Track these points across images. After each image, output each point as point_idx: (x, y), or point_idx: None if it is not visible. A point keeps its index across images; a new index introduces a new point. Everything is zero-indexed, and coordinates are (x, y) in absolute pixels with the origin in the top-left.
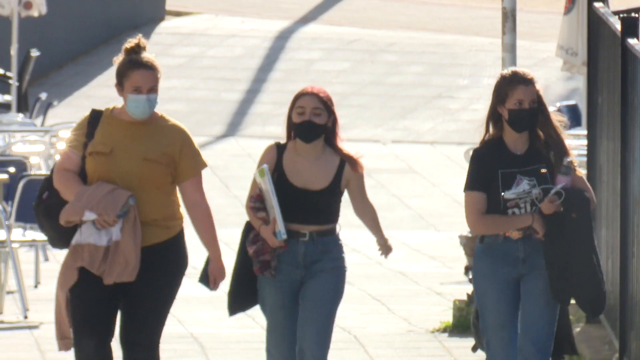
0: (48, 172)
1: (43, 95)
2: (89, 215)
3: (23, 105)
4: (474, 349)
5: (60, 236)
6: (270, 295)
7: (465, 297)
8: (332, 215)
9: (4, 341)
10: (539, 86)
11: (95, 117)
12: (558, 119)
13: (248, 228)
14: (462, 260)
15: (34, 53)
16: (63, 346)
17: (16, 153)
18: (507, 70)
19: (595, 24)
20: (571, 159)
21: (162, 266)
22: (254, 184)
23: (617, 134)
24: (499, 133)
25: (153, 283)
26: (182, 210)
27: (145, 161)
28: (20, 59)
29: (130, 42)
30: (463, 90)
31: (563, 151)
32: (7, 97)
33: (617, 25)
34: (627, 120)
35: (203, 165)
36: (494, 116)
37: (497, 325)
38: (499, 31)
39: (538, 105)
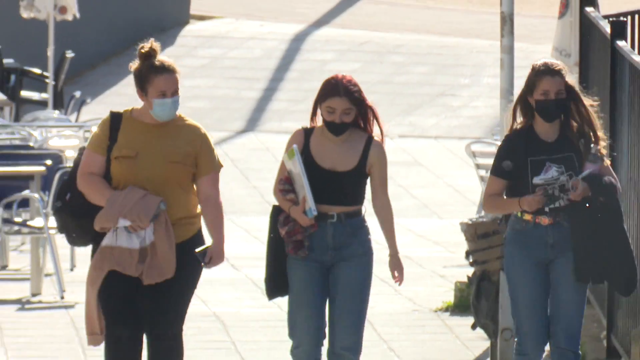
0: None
1: (77, 93)
2: (123, 222)
3: (59, 102)
4: (473, 327)
5: (83, 235)
6: (300, 274)
7: (465, 279)
8: (358, 196)
9: (42, 319)
10: (569, 78)
11: (116, 119)
12: (590, 104)
13: (275, 213)
14: (463, 246)
15: (69, 54)
16: (92, 341)
17: (52, 147)
18: (538, 62)
19: (587, 27)
20: (599, 147)
21: (188, 263)
22: (282, 168)
23: (607, 128)
24: (530, 121)
25: (180, 279)
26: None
27: (169, 163)
28: (56, 60)
29: (144, 47)
30: (464, 89)
31: (592, 140)
32: (44, 95)
33: (607, 29)
34: (616, 116)
35: (219, 165)
36: (525, 106)
37: (528, 305)
38: (497, 34)
39: (568, 95)
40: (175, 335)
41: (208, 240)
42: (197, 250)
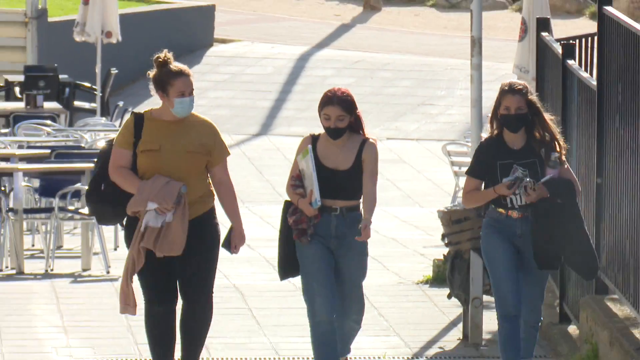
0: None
1: (120, 103)
2: (151, 205)
3: (105, 110)
4: (449, 296)
5: (114, 220)
6: (310, 248)
7: (442, 257)
8: (357, 191)
9: (92, 290)
10: (532, 96)
11: (138, 120)
12: (551, 118)
13: (287, 207)
14: (440, 230)
15: (113, 71)
16: (125, 310)
17: (99, 147)
18: (505, 81)
19: (542, 48)
20: (559, 154)
21: (205, 235)
22: (294, 167)
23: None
24: (500, 132)
25: (202, 250)
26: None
27: (188, 153)
28: (103, 76)
29: (160, 57)
30: (441, 99)
31: (552, 148)
32: (93, 105)
33: (559, 50)
34: (566, 123)
35: (228, 153)
36: (496, 119)
37: (505, 268)
38: (468, 54)
39: (530, 110)
40: (205, 300)
41: (221, 219)
42: (222, 244)
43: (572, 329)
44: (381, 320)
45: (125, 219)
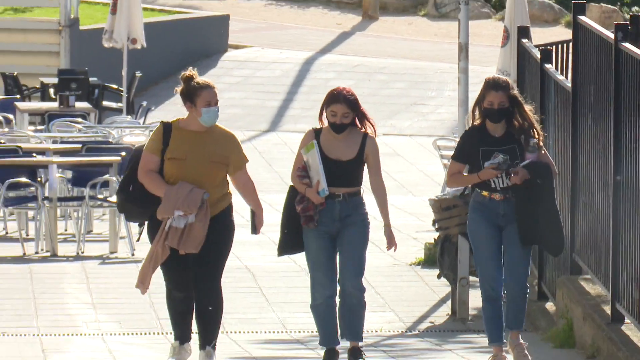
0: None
1: (144, 103)
2: (178, 212)
3: (130, 110)
4: (439, 276)
5: (140, 218)
6: (315, 241)
7: (432, 241)
8: (358, 179)
9: (118, 271)
10: (513, 90)
11: (167, 128)
12: (530, 109)
13: (291, 193)
14: (431, 216)
15: (138, 74)
16: (138, 286)
17: (126, 142)
18: (490, 76)
19: (523, 54)
20: (537, 140)
21: (222, 230)
22: (298, 159)
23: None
24: (483, 121)
25: (217, 243)
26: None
27: (211, 163)
28: (129, 78)
29: (185, 74)
30: (431, 100)
31: (531, 135)
32: (119, 104)
33: (538, 55)
34: (545, 120)
35: (246, 160)
36: (479, 109)
37: (488, 256)
38: (456, 59)
39: (512, 103)
40: (215, 287)
41: (240, 208)
42: (251, 232)
43: (550, 306)
44: (378, 298)
45: (148, 219)
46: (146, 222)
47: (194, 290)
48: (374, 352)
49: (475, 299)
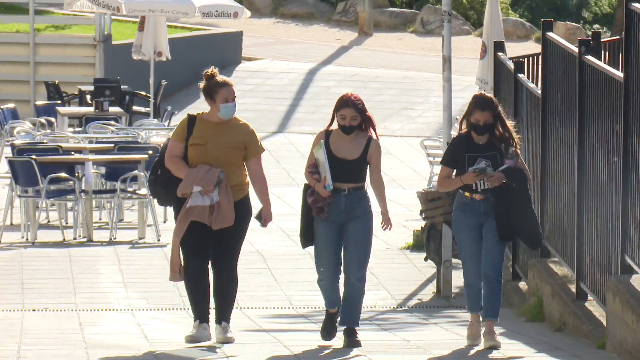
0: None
1: (168, 107)
2: (196, 188)
3: (157, 113)
4: (425, 259)
5: (167, 199)
6: (323, 229)
7: (420, 229)
8: (362, 176)
9: (146, 254)
10: (498, 108)
11: (191, 120)
12: (511, 124)
13: (306, 188)
14: (418, 207)
15: (163, 82)
16: (173, 277)
17: (152, 142)
18: (478, 92)
19: (499, 65)
20: (514, 149)
21: (240, 216)
22: (311, 157)
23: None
24: (469, 131)
25: (235, 229)
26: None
27: (228, 148)
28: (155, 86)
29: (208, 71)
30: (419, 105)
31: (510, 144)
32: (147, 109)
33: (512, 66)
34: (518, 123)
35: (262, 150)
36: (467, 122)
37: (470, 254)
38: (440, 69)
39: (495, 118)
40: (232, 267)
41: (256, 203)
42: (255, 216)
43: (522, 285)
44: (372, 277)
45: (177, 202)
46: (174, 208)
47: (214, 269)
48: (369, 325)
49: (457, 278)
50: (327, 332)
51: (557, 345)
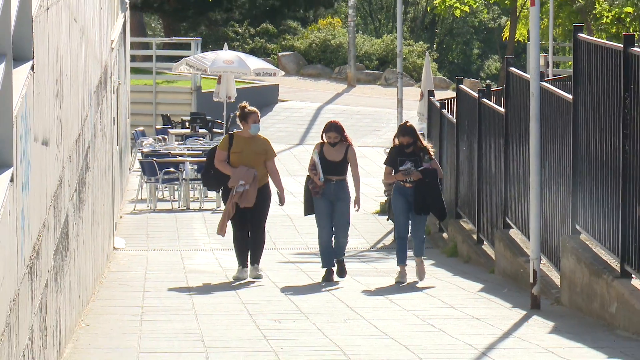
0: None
1: (234, 130)
2: (241, 182)
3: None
4: (388, 219)
5: (217, 187)
6: (320, 204)
7: (383, 201)
8: (344, 172)
9: (219, 216)
10: (417, 133)
11: (231, 136)
12: (427, 142)
13: (308, 179)
14: (382, 188)
15: (232, 114)
16: (219, 232)
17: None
18: (403, 122)
19: (430, 104)
20: (429, 156)
21: (264, 196)
22: (311, 160)
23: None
24: (400, 144)
25: (262, 204)
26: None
27: (255, 154)
28: (227, 117)
29: (240, 104)
30: (383, 128)
31: (426, 153)
32: (222, 131)
33: (438, 105)
34: (442, 140)
35: (275, 154)
36: (397, 140)
37: (401, 216)
38: (396, 107)
39: (414, 139)
40: (261, 228)
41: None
42: (278, 204)
43: (445, 235)
44: (355, 230)
45: (222, 187)
46: (220, 190)
47: (250, 230)
48: (352, 259)
49: None
50: (327, 279)
51: (465, 270)
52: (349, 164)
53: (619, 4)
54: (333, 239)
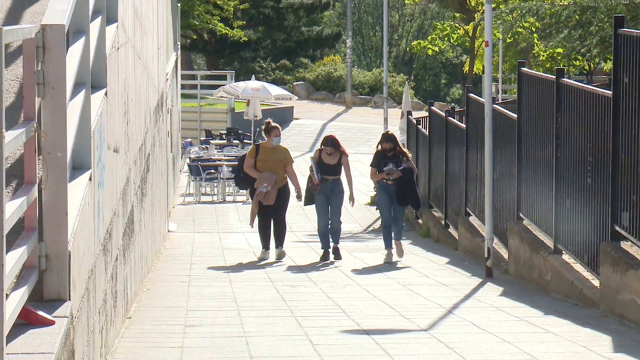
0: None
1: (260, 141)
2: (264, 184)
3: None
4: (376, 209)
5: (246, 186)
6: (319, 198)
7: (374, 195)
8: (338, 173)
9: (249, 207)
10: (398, 138)
11: (257, 147)
12: (406, 150)
13: (309, 179)
14: (372, 185)
15: (258, 129)
16: (251, 224)
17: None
18: (385, 131)
19: (409, 122)
20: (407, 158)
21: (284, 195)
22: (311, 164)
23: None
24: (382, 149)
25: (282, 201)
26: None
27: (277, 161)
28: (254, 131)
29: (265, 121)
30: (374, 140)
31: (404, 155)
32: (250, 141)
33: (415, 122)
34: (418, 148)
35: (293, 161)
36: (380, 146)
37: (385, 209)
38: (382, 123)
39: (395, 144)
40: (283, 219)
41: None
42: (295, 196)
43: (420, 221)
44: (350, 216)
45: (250, 187)
46: (249, 189)
47: (274, 222)
48: (348, 239)
49: None
50: (324, 258)
51: (436, 248)
52: (342, 168)
53: (552, 46)
54: (329, 225)
